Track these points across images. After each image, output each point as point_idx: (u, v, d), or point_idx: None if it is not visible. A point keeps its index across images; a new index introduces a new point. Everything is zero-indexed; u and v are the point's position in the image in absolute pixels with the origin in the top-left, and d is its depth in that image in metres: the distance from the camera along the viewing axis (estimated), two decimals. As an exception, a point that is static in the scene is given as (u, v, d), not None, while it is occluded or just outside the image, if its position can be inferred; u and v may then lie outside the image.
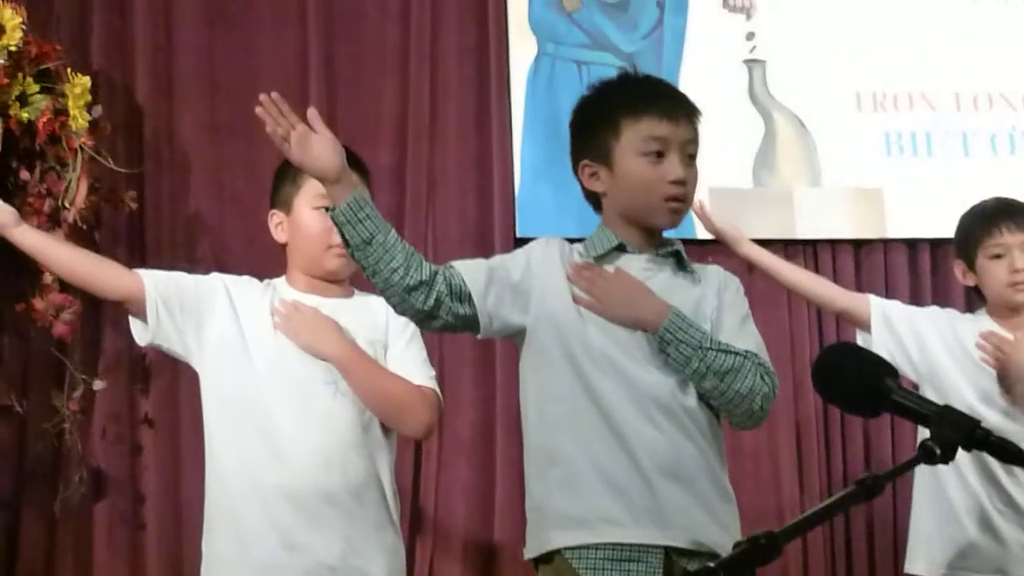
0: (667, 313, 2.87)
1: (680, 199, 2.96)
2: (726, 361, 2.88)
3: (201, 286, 3.51)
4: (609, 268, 2.97)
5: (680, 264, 3.04)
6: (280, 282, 3.56)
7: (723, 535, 2.89)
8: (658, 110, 2.96)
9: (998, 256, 3.86)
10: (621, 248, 2.99)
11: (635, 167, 2.95)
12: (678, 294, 2.97)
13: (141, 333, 3.48)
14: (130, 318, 3.51)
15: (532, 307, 2.95)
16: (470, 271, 2.92)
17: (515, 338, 3.01)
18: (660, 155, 2.93)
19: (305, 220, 3.48)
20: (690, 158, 2.99)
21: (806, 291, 4.13)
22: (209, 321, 3.47)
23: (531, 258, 2.99)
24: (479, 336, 2.98)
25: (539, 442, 2.96)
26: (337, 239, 3.40)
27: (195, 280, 3.53)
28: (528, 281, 2.95)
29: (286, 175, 3.53)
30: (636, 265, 2.98)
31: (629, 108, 2.97)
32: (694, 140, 3.01)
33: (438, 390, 3.50)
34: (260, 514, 3.34)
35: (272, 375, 3.40)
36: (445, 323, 2.90)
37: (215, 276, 3.58)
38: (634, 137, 2.95)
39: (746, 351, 2.92)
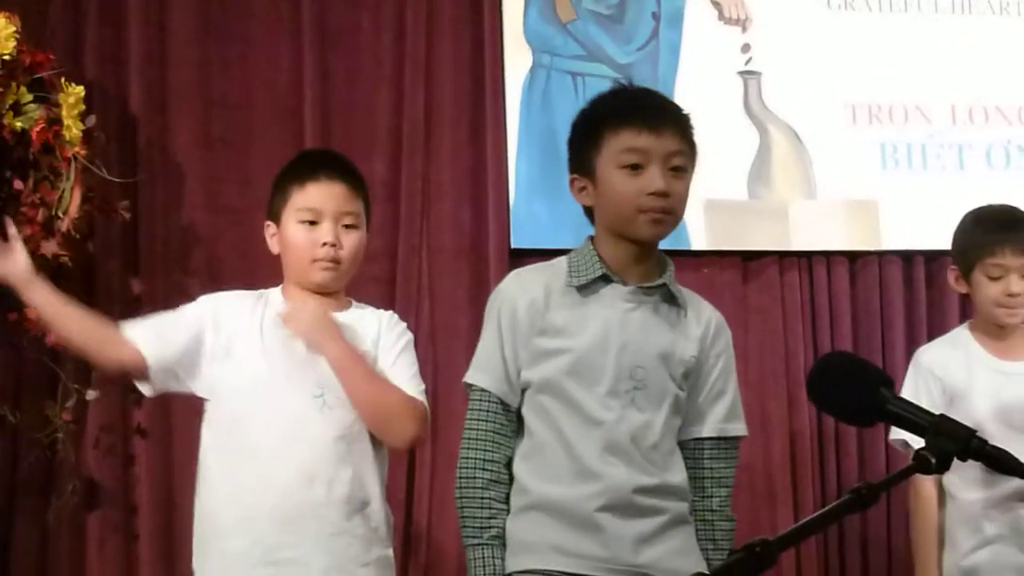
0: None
1: (661, 211, 2.91)
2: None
3: (192, 328, 3.41)
4: (592, 299, 2.96)
5: (668, 298, 3.03)
6: (275, 292, 3.55)
7: (678, 560, 2.92)
8: (638, 121, 2.91)
9: (996, 277, 3.79)
10: (605, 278, 2.97)
11: (615, 179, 2.91)
12: (653, 334, 2.96)
13: (147, 390, 3.46)
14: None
15: (538, 364, 2.99)
16: (500, 389, 3.01)
17: None
18: (640, 167, 2.90)
19: (290, 233, 3.44)
20: (676, 170, 2.92)
21: None
22: (204, 359, 3.44)
23: (517, 311, 3.00)
24: None
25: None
26: (322, 252, 3.40)
27: (186, 325, 3.43)
28: (525, 348, 2.99)
29: (278, 187, 3.52)
30: (618, 296, 2.96)
31: (610, 121, 2.94)
32: (681, 152, 2.94)
33: (427, 404, 3.48)
34: (245, 530, 3.32)
35: (259, 390, 3.38)
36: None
37: (204, 302, 3.51)
38: (614, 149, 2.91)
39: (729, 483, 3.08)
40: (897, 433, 3.74)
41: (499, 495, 2.92)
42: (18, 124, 3.93)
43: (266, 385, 3.38)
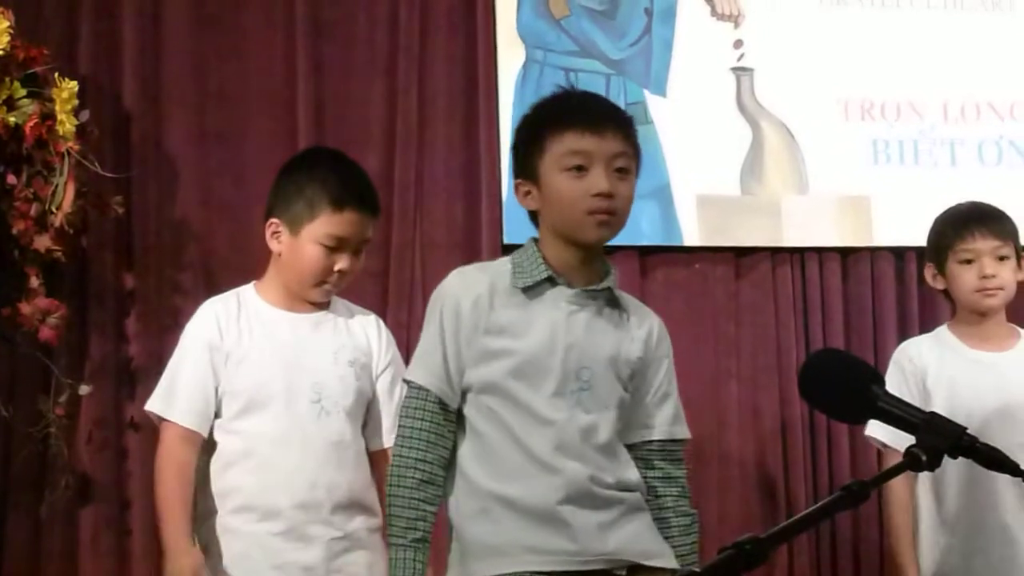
0: None
1: (607, 212, 2.92)
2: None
3: (211, 371, 3.42)
4: (537, 300, 2.94)
5: (611, 301, 3.03)
6: (248, 292, 3.51)
7: (644, 541, 2.96)
8: (580, 124, 2.92)
9: (968, 261, 3.83)
10: (551, 280, 2.96)
11: (558, 183, 2.92)
12: (598, 336, 2.97)
13: None
14: None
15: (481, 365, 2.97)
16: (439, 388, 2.95)
17: None
18: (583, 169, 2.90)
19: (307, 252, 3.40)
20: (621, 171, 2.94)
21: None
22: (223, 382, 3.42)
23: (461, 310, 2.96)
24: None
25: (459, 471, 2.97)
26: (332, 279, 3.40)
27: (209, 372, 3.42)
28: (469, 347, 2.96)
29: (303, 194, 3.43)
30: (562, 298, 2.95)
31: (553, 124, 2.95)
32: (624, 153, 2.95)
33: None
34: (246, 534, 3.34)
35: (257, 395, 3.39)
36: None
37: (201, 332, 3.48)
38: (557, 153, 2.92)
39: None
40: (872, 430, 3.79)
41: (430, 496, 2.91)
42: (11, 119, 3.93)
43: (265, 391, 3.38)
